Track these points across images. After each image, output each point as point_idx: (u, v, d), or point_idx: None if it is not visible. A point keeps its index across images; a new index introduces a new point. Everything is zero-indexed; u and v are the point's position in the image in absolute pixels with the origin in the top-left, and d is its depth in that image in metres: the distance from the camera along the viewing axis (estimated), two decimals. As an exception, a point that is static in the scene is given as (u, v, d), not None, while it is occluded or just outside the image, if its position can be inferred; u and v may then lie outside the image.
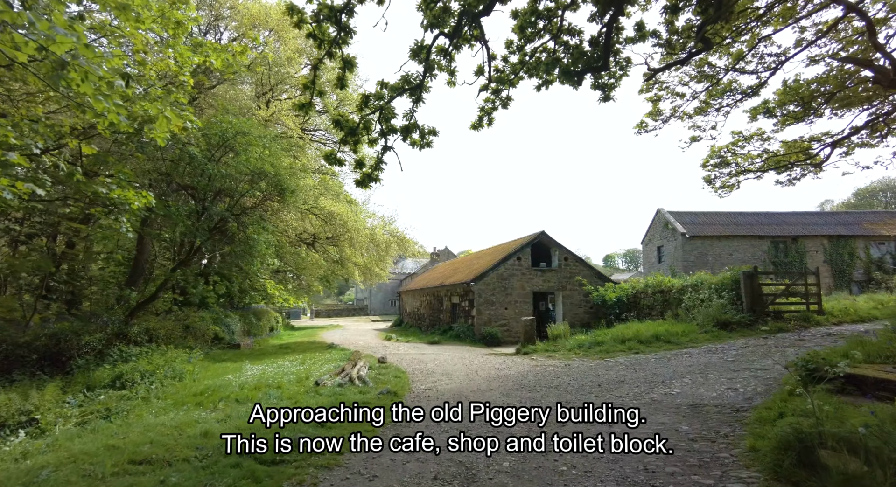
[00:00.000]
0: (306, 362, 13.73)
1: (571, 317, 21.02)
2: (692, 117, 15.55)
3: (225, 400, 8.29)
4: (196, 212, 13.65)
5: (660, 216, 37.86)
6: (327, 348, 19.00)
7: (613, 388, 8.72)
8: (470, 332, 20.38)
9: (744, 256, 33.94)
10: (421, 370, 11.86)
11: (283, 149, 14.92)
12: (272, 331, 30.96)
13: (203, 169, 12.82)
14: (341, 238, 17.76)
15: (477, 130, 9.64)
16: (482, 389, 9.03)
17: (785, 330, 13.45)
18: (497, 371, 11.33)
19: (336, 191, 20.10)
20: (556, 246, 21.24)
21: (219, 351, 17.20)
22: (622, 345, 13.14)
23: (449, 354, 15.45)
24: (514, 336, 20.27)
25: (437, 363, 13.18)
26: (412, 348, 18.39)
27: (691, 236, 33.98)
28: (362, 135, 7.37)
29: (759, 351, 10.90)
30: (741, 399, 7.25)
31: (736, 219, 36.76)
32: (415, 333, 26.51)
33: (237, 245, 13.52)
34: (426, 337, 22.29)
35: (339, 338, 25.20)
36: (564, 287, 21.13)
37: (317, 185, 19.59)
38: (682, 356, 11.44)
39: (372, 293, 68.00)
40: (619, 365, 11.07)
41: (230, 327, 21.12)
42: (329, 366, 12.32)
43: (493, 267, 20.41)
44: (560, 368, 11.21)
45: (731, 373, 9.04)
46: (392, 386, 9.30)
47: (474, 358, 14.12)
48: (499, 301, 20.34)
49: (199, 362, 13.07)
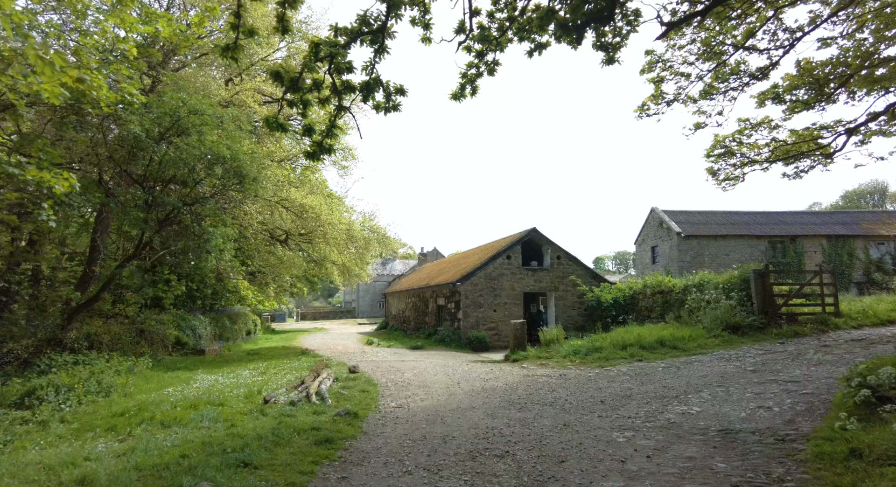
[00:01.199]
0: (269, 371, 12.18)
1: (565, 320, 19.65)
2: (696, 101, 14.25)
3: (148, 423, 6.74)
4: (146, 203, 12.06)
5: (654, 215, 36.74)
6: (300, 354, 17.44)
7: (619, 405, 7.30)
8: (456, 336, 18.92)
9: (741, 256, 32.90)
10: (396, 381, 10.36)
11: (246, 132, 13.37)
12: (249, 335, 29.29)
13: (151, 152, 11.24)
14: (314, 234, 16.21)
15: (458, 101, 8.19)
16: (463, 407, 7.56)
17: (802, 334, 12.17)
18: (482, 382, 9.87)
19: (313, 183, 18.55)
20: (549, 243, 19.88)
21: (177, 358, 15.55)
22: (623, 352, 11.76)
23: (431, 361, 13.97)
24: (504, 340, 18.84)
25: (416, 372, 11.70)
26: (392, 354, 16.88)
27: (687, 236, 32.88)
28: (309, 93, 5.92)
29: (781, 360, 9.56)
30: (779, 421, 5.87)
31: (732, 218, 35.76)
32: (399, 337, 24.99)
33: (190, 239, 11.94)
34: (409, 342, 20.79)
35: (318, 343, 23.63)
36: (557, 287, 19.76)
37: (290, 177, 18.06)
38: (693, 364, 10.07)
39: (360, 295, 66.37)
40: (622, 375, 9.67)
41: (196, 331, 19.46)
42: (291, 377, 10.79)
43: (481, 267, 18.99)
44: (555, 379, 9.78)
45: (757, 387, 7.66)
46: (355, 403, 7.80)
47: (458, 366, 12.66)
48: (487, 302, 18.91)
49: (144, 372, 11.47)
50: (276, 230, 18.63)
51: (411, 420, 6.83)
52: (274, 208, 16.16)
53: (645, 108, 13.76)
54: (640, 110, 13.83)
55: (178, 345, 17.70)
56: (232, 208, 14.49)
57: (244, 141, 12.60)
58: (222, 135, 12.06)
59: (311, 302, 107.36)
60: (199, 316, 21.80)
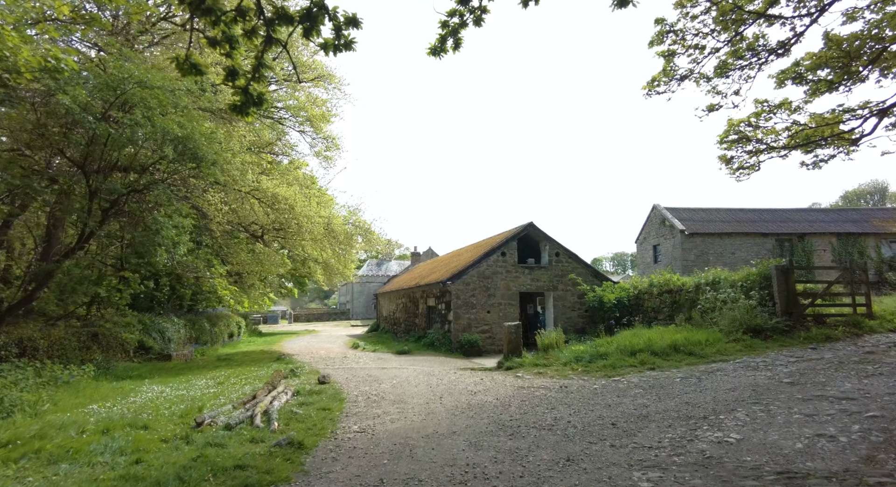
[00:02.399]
0: (228, 381, 10.68)
1: (564, 322, 18.19)
2: (710, 80, 12.83)
3: (31, 457, 5.24)
4: (89, 189, 10.55)
5: (656, 213, 35.35)
6: (275, 360, 15.93)
7: (635, 429, 5.84)
8: (446, 340, 17.44)
9: (747, 255, 31.52)
10: (368, 395, 8.87)
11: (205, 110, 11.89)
12: (231, 338, 27.80)
13: (91, 130, 9.74)
14: (288, 227, 14.69)
15: (438, 56, 6.73)
16: (441, 433, 6.07)
17: (834, 338, 10.73)
18: (469, 396, 8.39)
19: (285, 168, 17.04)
20: (547, 239, 18.43)
21: (136, 365, 14.02)
22: (632, 359, 10.29)
23: (415, 369, 12.48)
24: (498, 344, 17.37)
25: (395, 383, 10.21)
26: (375, 360, 15.39)
27: (691, 233, 31.50)
28: (233, 23, 4.45)
29: (821, 369, 8.11)
30: (854, 457, 4.41)
31: (737, 215, 34.39)
32: (387, 340, 23.50)
33: (137, 231, 10.45)
34: (397, 346, 19.30)
35: (301, 347, 22.14)
36: (556, 286, 18.30)
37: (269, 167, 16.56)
38: (715, 374, 8.61)
39: (354, 296, 64.90)
40: (634, 387, 8.20)
41: (165, 334, 17.93)
42: (249, 388, 9.30)
43: (474, 264, 17.52)
44: (554, 392, 8.31)
45: (803, 405, 6.21)
46: (308, 427, 6.31)
47: (444, 374, 11.17)
48: (480, 303, 17.44)
49: (81, 383, 9.95)
50: (253, 225, 17.11)
51: (371, 452, 5.33)
52: (245, 199, 14.64)
53: (654, 84, 12.33)
54: (649, 86, 12.39)
55: (141, 350, 16.16)
56: (195, 198, 12.98)
57: (203, 121, 11.10)
58: (177, 113, 10.57)
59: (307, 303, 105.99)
60: (171, 317, 20.30)
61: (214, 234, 13.70)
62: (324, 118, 18.25)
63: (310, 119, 17.87)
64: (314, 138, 19.20)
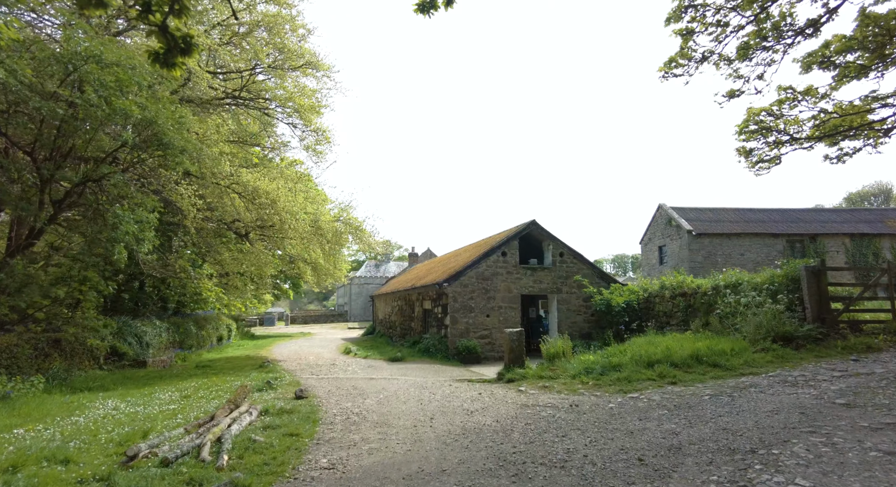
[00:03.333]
0: (196, 394, 9.51)
1: (569, 327, 17.02)
2: (732, 62, 11.68)
3: None
4: (39, 179, 9.40)
5: (661, 213, 34.22)
6: (258, 367, 14.77)
7: (670, 468, 4.68)
8: (443, 346, 16.26)
9: (757, 256, 30.41)
10: (349, 414, 7.70)
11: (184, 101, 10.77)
12: (220, 342, 26.62)
13: (40, 112, 8.59)
14: (270, 223, 13.50)
15: (427, 14, 5.64)
16: (428, 472, 4.91)
17: (875, 348, 9.56)
18: (465, 417, 7.22)
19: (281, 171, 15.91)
20: (550, 238, 17.27)
21: (101, 374, 12.87)
22: (649, 371, 9.12)
23: (406, 380, 11.31)
24: (498, 350, 16.21)
25: (383, 397, 9.04)
26: (365, 368, 14.22)
27: (698, 234, 30.36)
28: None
29: (878, 388, 6.94)
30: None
31: (746, 215, 33.24)
32: (382, 344, 22.32)
33: (94, 226, 9.30)
34: (391, 351, 18.12)
35: (290, 351, 20.99)
36: (560, 289, 17.13)
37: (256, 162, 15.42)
38: (748, 391, 7.45)
39: (352, 298, 63.81)
40: (657, 407, 7.03)
41: (142, 339, 16.77)
42: (213, 405, 8.13)
43: (472, 265, 16.36)
44: (564, 413, 7.14)
45: (875, 436, 5.05)
46: (265, 461, 5.14)
47: (439, 387, 10.01)
48: (479, 306, 16.27)
49: (24, 398, 8.78)
50: (237, 223, 15.94)
51: (336, 502, 4.17)
52: (224, 193, 13.49)
53: (671, 66, 11.18)
54: (665, 67, 11.24)
55: (114, 356, 15.00)
56: (167, 191, 11.81)
57: (168, 103, 9.94)
58: (141, 94, 9.42)
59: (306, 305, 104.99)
60: (152, 320, 19.14)
61: (189, 231, 12.53)
62: (313, 109, 17.10)
63: (298, 110, 16.73)
64: (304, 131, 18.05)
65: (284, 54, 15.83)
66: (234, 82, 16.82)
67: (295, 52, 15.92)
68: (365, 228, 16.08)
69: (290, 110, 17.22)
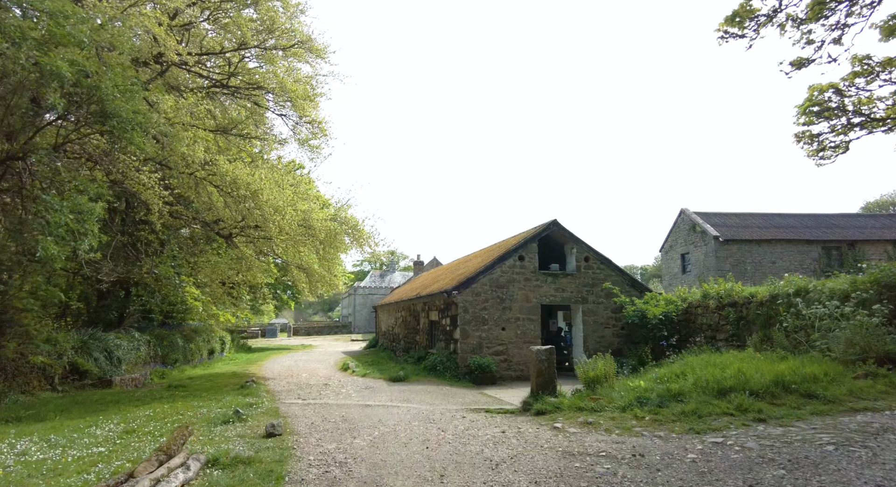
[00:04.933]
0: (140, 429, 7.50)
1: (595, 341, 14.90)
2: (801, 24, 9.72)
3: None
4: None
5: (684, 218, 32.08)
6: (238, 388, 12.78)
7: None
8: (451, 363, 14.19)
9: (789, 264, 28.14)
10: (329, 464, 5.67)
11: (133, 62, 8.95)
12: (211, 355, 24.65)
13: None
14: (253, 220, 11.57)
15: None
16: None
17: None
18: (489, 473, 5.16)
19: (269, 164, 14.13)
20: (574, 241, 15.23)
21: (53, 397, 10.94)
22: (723, 403, 7.02)
23: (410, 408, 9.25)
24: (516, 369, 14.11)
25: (378, 435, 7.00)
26: (362, 389, 12.18)
27: (726, 240, 28.18)
28: None
29: None
30: None
31: (775, 220, 31.04)
32: (383, 361, 20.25)
33: (12, 217, 7.45)
34: (393, 368, 16.06)
35: (283, 368, 18.99)
36: (585, 298, 15.04)
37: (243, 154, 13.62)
38: (885, 437, 5.34)
39: (356, 309, 61.92)
40: (762, 462, 4.94)
41: (112, 354, 14.83)
42: (152, 448, 6.11)
43: (485, 271, 14.34)
44: (628, 470, 5.07)
45: None
46: None
47: (450, 420, 7.95)
48: (493, 318, 14.21)
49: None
50: (220, 223, 14.05)
51: None
52: (199, 185, 11.64)
53: (735, 21, 9.19)
54: (727, 23, 9.24)
55: (75, 375, 13.07)
56: (128, 180, 9.94)
57: (122, 69, 8.11)
58: (83, 54, 7.59)
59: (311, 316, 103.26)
60: (131, 333, 17.24)
61: (155, 227, 10.65)
62: (307, 97, 15.29)
63: (291, 98, 14.93)
64: (297, 123, 16.26)
65: (274, 34, 14.08)
66: (221, 70, 15.12)
67: (285, 30, 14.16)
68: (363, 228, 14.12)
69: (281, 99, 15.45)
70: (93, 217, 7.97)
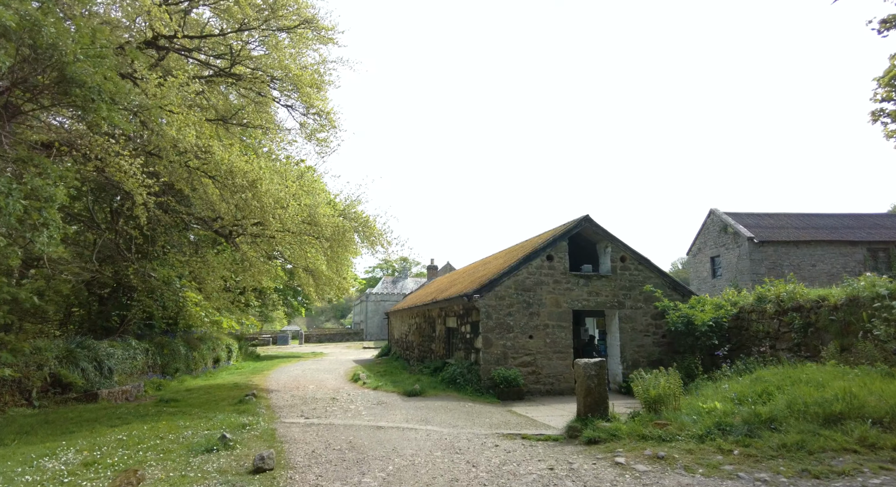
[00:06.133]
0: (102, 462, 6.13)
1: (634, 351, 13.31)
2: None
3: None
4: None
5: (713, 219, 30.27)
6: (236, 403, 11.47)
7: None
8: (473, 375, 12.69)
9: (831, 267, 26.21)
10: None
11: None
12: (217, 364, 23.40)
13: None
14: (251, 214, 10.22)
15: None
16: None
17: None
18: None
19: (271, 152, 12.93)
20: (608, 238, 13.70)
21: (26, 414, 9.71)
22: (837, 434, 5.45)
23: (430, 432, 7.79)
24: (546, 382, 12.58)
25: (392, 470, 5.56)
26: (374, 405, 10.76)
27: (761, 242, 26.33)
28: None
29: None
30: None
31: (813, 221, 29.09)
32: (397, 370, 18.80)
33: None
34: (408, 380, 14.61)
35: (290, 378, 17.66)
36: (622, 303, 13.46)
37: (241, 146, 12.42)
38: None
39: (368, 315, 60.73)
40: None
41: (103, 364, 13.61)
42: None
43: (509, 272, 12.87)
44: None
45: None
46: None
47: (480, 448, 6.48)
48: (519, 324, 12.71)
49: None
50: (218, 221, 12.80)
51: None
52: (193, 176, 10.39)
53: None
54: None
55: (57, 387, 11.85)
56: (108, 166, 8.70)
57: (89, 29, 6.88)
58: (42, 10, 6.37)
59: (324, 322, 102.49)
60: (128, 340, 16.05)
61: (140, 222, 9.40)
62: (314, 84, 14.06)
63: (297, 86, 13.71)
64: (305, 115, 15.04)
65: (276, 14, 12.90)
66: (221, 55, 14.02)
67: (284, 4, 12.95)
68: (375, 225, 12.74)
69: (286, 88, 14.27)
70: (53, 204, 6.69)
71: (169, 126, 9.30)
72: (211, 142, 9.74)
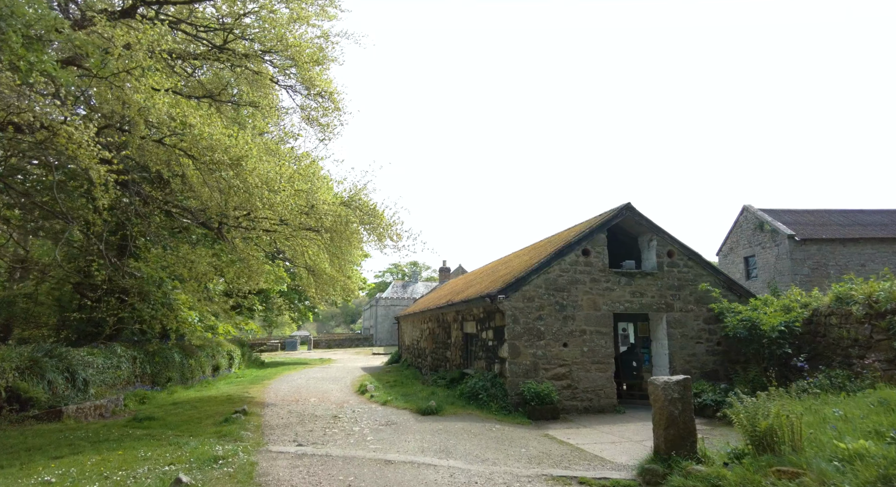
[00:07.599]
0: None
1: (684, 361, 11.38)
2: None
3: None
4: None
5: (747, 216, 28.12)
6: (222, 422, 9.76)
7: None
8: (498, 390, 10.84)
9: (881, 267, 23.96)
10: None
11: None
12: (216, 372, 21.77)
13: None
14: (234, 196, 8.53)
15: None
16: None
17: None
18: None
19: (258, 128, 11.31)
20: (653, 230, 11.83)
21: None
22: None
23: (453, 472, 6.00)
24: (583, 398, 10.71)
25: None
26: (381, 428, 8.98)
27: (802, 240, 24.17)
28: None
29: None
30: None
31: (859, 217, 26.85)
32: (408, 380, 17.00)
33: None
34: (422, 393, 12.82)
35: (292, 389, 16.03)
36: (670, 305, 11.56)
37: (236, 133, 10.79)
38: None
39: (378, 321, 59.15)
40: None
41: (76, 375, 12.02)
42: None
43: (539, 269, 11.05)
44: None
45: None
46: None
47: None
48: (551, 330, 10.87)
49: None
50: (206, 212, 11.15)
51: None
52: (171, 156, 8.76)
53: None
54: None
55: (15, 403, 10.22)
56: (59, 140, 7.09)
57: None
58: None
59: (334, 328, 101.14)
60: (112, 347, 14.51)
61: (99, 204, 7.76)
62: (315, 60, 12.44)
63: (295, 61, 12.09)
64: (305, 96, 13.43)
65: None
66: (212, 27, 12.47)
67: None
68: (383, 215, 11.00)
69: (285, 63, 12.70)
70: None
71: (136, 92, 7.70)
72: (188, 111, 8.08)
